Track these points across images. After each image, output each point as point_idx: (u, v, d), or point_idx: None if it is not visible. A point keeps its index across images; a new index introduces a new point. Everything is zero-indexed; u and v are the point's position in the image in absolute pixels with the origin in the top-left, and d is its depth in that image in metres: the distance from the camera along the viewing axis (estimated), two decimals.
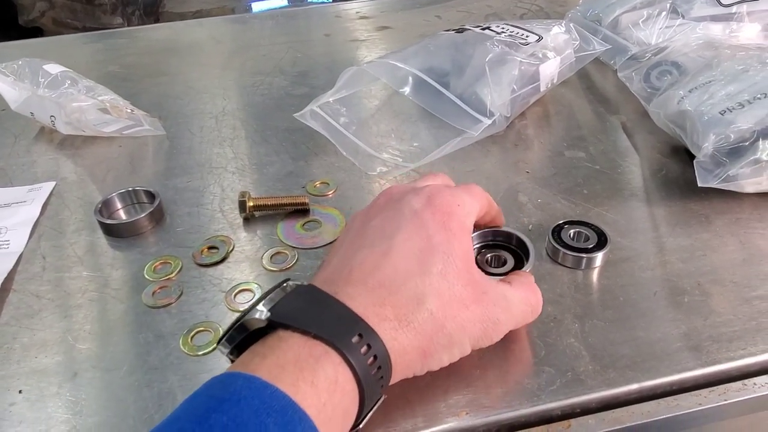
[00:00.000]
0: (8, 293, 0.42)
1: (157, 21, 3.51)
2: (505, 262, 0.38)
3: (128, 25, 3.06)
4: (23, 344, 0.38)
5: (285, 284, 0.30)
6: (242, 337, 0.28)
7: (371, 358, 0.28)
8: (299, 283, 0.30)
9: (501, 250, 0.39)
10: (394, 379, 0.30)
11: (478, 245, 0.39)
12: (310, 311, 0.28)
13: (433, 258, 0.31)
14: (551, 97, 0.64)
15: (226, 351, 0.29)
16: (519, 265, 0.38)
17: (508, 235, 0.40)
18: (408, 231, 0.32)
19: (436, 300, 0.30)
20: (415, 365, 0.30)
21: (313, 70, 0.75)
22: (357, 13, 0.93)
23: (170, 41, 0.87)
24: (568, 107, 0.63)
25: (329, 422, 0.26)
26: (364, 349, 0.27)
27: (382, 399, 0.30)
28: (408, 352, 0.29)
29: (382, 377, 0.28)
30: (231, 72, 0.75)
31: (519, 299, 0.33)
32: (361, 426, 0.29)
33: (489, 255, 0.39)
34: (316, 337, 0.27)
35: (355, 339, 0.27)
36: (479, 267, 0.36)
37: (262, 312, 0.28)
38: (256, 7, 3.99)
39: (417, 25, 0.87)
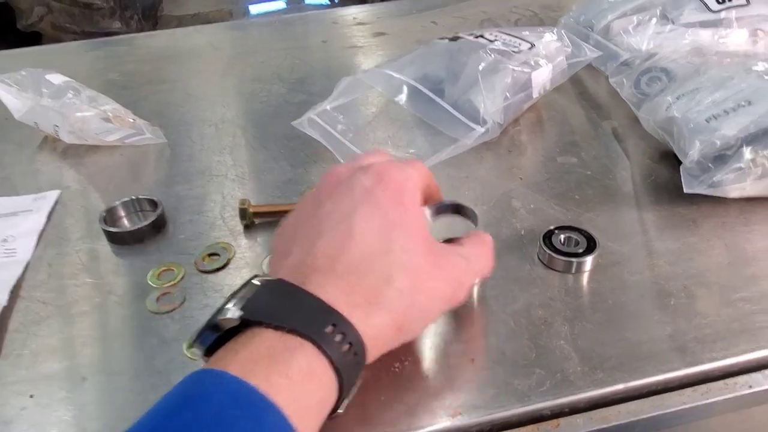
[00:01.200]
0: (17, 300, 0.44)
1: (155, 24, 3.53)
2: None
3: (127, 29, 3.07)
4: (32, 350, 0.39)
5: (253, 279, 0.30)
6: (215, 337, 0.29)
7: (346, 346, 0.28)
8: (268, 277, 0.31)
9: (452, 215, 0.39)
10: (372, 358, 0.31)
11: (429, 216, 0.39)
12: (281, 306, 0.29)
13: (393, 234, 0.32)
14: (544, 103, 0.65)
15: (200, 353, 0.29)
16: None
17: (455, 205, 0.39)
18: (364, 210, 0.32)
19: (402, 276, 0.31)
20: (391, 342, 0.32)
21: (311, 76, 0.76)
22: (354, 18, 0.94)
23: (169, 48, 0.88)
24: (561, 113, 0.64)
25: (304, 412, 0.26)
26: (338, 338, 0.28)
27: (359, 383, 0.31)
28: (383, 332, 0.30)
29: (358, 363, 0.29)
30: (230, 79, 0.76)
31: (475, 255, 0.36)
32: (340, 410, 0.30)
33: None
34: (290, 331, 0.28)
35: (329, 329, 0.28)
36: None
37: (234, 311, 0.28)
38: (253, 9, 4.01)
39: (413, 30, 0.88)
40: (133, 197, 0.51)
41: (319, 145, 0.59)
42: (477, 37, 0.60)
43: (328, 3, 4.06)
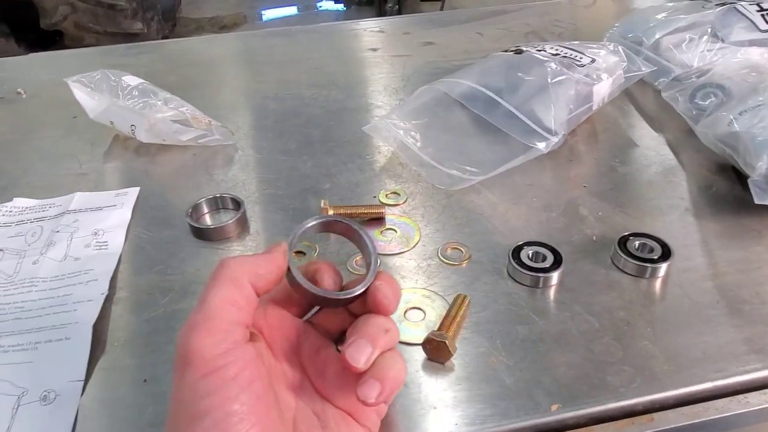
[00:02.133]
0: (115, 290, 0.46)
1: (174, 26, 3.57)
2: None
3: (147, 30, 3.11)
4: (138, 336, 0.42)
5: None
6: None
7: None
8: None
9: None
10: None
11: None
12: None
13: None
14: (597, 115, 0.67)
15: None
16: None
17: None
18: None
19: None
20: None
21: (366, 82, 0.79)
22: (400, 29, 0.97)
23: (224, 53, 0.91)
24: (615, 125, 0.66)
25: None
26: None
27: None
28: None
29: None
30: (288, 84, 0.79)
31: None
32: None
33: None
34: None
35: None
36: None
37: None
38: (266, 15, 4.06)
39: (459, 41, 0.91)
40: (217, 195, 0.53)
41: (385, 149, 0.61)
42: (539, 50, 0.62)
43: (344, 9, 4.11)
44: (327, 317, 0.35)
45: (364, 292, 0.33)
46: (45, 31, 2.98)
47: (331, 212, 0.51)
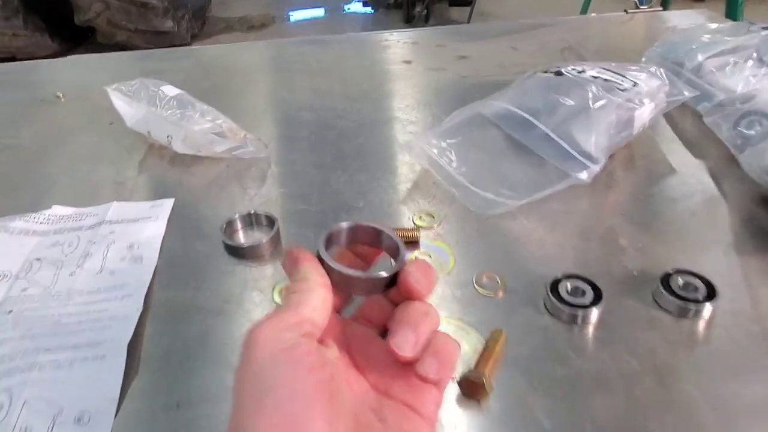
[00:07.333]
0: (150, 307, 0.46)
1: (203, 25, 3.61)
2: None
3: (177, 29, 3.15)
4: (172, 357, 0.42)
5: None
6: None
7: None
8: None
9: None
10: None
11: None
12: None
13: None
14: (635, 139, 0.65)
15: None
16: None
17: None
18: None
19: None
20: None
21: (399, 96, 0.78)
22: (432, 41, 0.96)
23: (257, 59, 0.91)
24: (654, 150, 0.65)
25: None
26: None
27: None
28: None
29: None
30: (321, 95, 0.79)
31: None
32: None
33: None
34: None
35: None
36: None
37: None
38: (294, 16, 4.08)
39: (493, 55, 0.90)
40: (251, 211, 0.53)
41: (421, 168, 0.61)
42: (579, 72, 0.61)
43: (372, 11, 4.11)
44: (369, 310, 0.34)
45: (394, 276, 0.32)
46: (78, 27, 3.04)
47: None
